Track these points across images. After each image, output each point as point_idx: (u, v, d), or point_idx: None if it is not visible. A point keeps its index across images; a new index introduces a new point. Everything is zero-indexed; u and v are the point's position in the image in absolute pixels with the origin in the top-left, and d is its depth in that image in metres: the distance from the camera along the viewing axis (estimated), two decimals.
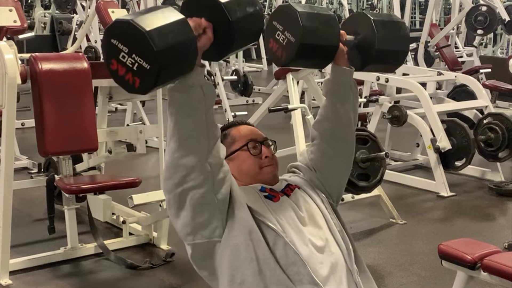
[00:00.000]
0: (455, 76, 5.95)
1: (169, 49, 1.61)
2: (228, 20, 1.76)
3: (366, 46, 2.10)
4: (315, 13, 2.00)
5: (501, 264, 2.31)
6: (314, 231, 1.91)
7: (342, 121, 2.10)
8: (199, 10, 1.76)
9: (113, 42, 1.64)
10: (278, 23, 2.00)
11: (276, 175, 2.06)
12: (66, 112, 3.35)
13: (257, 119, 4.73)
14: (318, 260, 1.84)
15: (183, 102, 1.75)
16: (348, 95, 2.11)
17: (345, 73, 2.09)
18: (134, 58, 1.62)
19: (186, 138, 1.76)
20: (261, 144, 2.06)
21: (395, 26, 2.15)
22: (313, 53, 2.01)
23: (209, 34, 1.75)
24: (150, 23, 1.61)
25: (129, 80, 1.66)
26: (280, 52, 1.99)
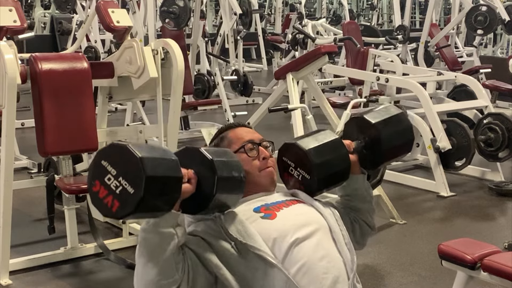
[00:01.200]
0: (455, 76, 5.94)
1: (157, 179, 1.66)
2: (213, 176, 1.80)
3: (374, 146, 2.15)
4: (321, 145, 2.06)
5: (501, 264, 2.31)
6: (315, 240, 1.89)
7: (361, 217, 2.23)
8: (189, 163, 1.81)
9: (102, 164, 1.68)
10: (288, 160, 2.08)
11: (274, 181, 2.07)
12: (66, 112, 3.35)
13: (257, 119, 4.73)
14: (320, 271, 1.83)
15: (154, 244, 1.76)
16: (364, 198, 2.21)
17: (359, 179, 2.18)
18: (120, 181, 1.66)
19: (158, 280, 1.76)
20: (258, 146, 2.06)
21: (395, 120, 2.19)
22: (331, 181, 2.11)
23: (193, 185, 1.79)
24: (145, 151, 1.67)
25: (108, 203, 1.68)
26: (298, 186, 2.08)
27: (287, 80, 4.38)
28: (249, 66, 11.33)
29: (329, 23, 9.65)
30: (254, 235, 1.85)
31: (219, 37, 7.96)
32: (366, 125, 2.15)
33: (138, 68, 3.48)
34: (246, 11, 8.12)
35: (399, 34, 8.09)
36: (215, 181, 1.80)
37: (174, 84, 3.57)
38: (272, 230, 1.88)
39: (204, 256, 1.84)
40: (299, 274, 1.81)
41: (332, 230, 1.96)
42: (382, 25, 16.26)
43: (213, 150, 1.91)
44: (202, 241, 1.86)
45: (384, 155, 2.17)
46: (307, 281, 1.80)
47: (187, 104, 6.09)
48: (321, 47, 4.43)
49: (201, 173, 1.81)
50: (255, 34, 11.33)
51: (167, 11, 5.82)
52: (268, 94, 5.74)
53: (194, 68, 6.70)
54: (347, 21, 9.29)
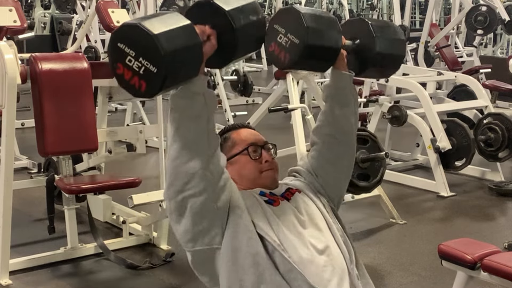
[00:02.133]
0: (455, 76, 5.95)
1: (176, 52, 1.63)
2: (231, 28, 1.78)
3: (364, 51, 2.12)
4: (317, 15, 2.01)
5: (501, 264, 2.31)
6: (315, 234, 1.90)
7: (342, 126, 2.11)
8: (203, 18, 1.78)
9: (119, 46, 1.65)
10: (280, 26, 2.00)
11: (276, 180, 2.07)
12: (66, 112, 3.35)
13: (257, 119, 4.73)
14: (320, 264, 1.83)
15: (185, 108, 1.76)
16: (349, 100, 2.13)
17: (345, 77, 2.11)
18: (141, 62, 1.63)
19: (187, 145, 1.76)
20: (261, 148, 2.06)
21: (392, 30, 2.18)
22: (317, 54, 2.01)
23: (213, 41, 1.77)
24: (157, 27, 1.63)
25: (135, 84, 1.66)
26: (283, 55, 1.99)
27: (287, 80, 4.37)
28: (249, 66, 11.33)
29: None
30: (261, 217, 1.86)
31: None
32: (363, 26, 2.14)
33: None
34: None
35: None
36: (235, 31, 1.77)
37: None
38: (273, 217, 1.88)
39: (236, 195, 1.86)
40: (300, 266, 1.81)
41: (328, 222, 1.97)
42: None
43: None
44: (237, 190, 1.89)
45: (373, 60, 2.13)
46: (307, 273, 1.80)
47: None
48: None
49: (219, 26, 1.77)
50: None
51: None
52: (268, 94, 5.75)
53: None
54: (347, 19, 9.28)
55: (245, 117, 5.74)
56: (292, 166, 2.23)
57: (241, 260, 1.80)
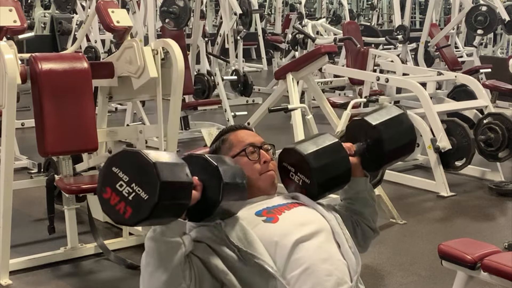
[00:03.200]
0: (455, 76, 5.94)
1: (171, 184, 1.65)
2: (218, 183, 1.80)
3: (376, 148, 2.14)
4: (320, 148, 2.05)
5: (501, 264, 2.31)
6: (317, 242, 1.89)
7: (364, 222, 2.22)
8: (194, 170, 1.79)
9: (113, 170, 1.67)
10: (288, 165, 2.07)
11: (274, 183, 2.07)
12: (66, 112, 3.35)
13: (257, 119, 4.73)
14: (323, 273, 1.83)
15: (161, 253, 1.74)
16: (367, 201, 2.20)
17: (361, 181, 2.18)
18: (133, 188, 1.64)
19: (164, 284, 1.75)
20: (260, 149, 2.05)
21: (397, 121, 2.18)
22: (332, 184, 2.09)
23: (198, 191, 1.78)
24: (157, 157, 1.66)
25: (120, 209, 1.66)
26: (299, 190, 2.06)
27: (287, 80, 4.38)
28: (249, 66, 11.33)
29: (329, 23, 9.67)
30: (254, 242, 1.84)
31: (219, 37, 7.96)
32: (367, 127, 2.14)
33: (138, 68, 3.48)
34: (246, 11, 8.12)
35: (399, 34, 8.09)
36: (221, 187, 1.79)
37: (174, 84, 3.57)
38: (274, 233, 1.87)
39: (210, 262, 1.83)
40: (302, 277, 1.81)
41: (335, 232, 1.96)
42: (382, 25, 16.26)
43: (216, 157, 1.90)
44: (207, 247, 1.85)
45: (386, 157, 2.17)
46: (309, 283, 1.80)
47: (187, 104, 6.09)
48: (321, 47, 4.43)
49: (206, 180, 1.81)
50: (255, 34, 11.33)
51: (167, 11, 5.82)
52: (268, 94, 5.74)
53: (194, 68, 6.70)
54: (347, 21, 9.29)
55: (245, 117, 5.74)
56: None
57: None
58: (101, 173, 1.71)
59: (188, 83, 5.39)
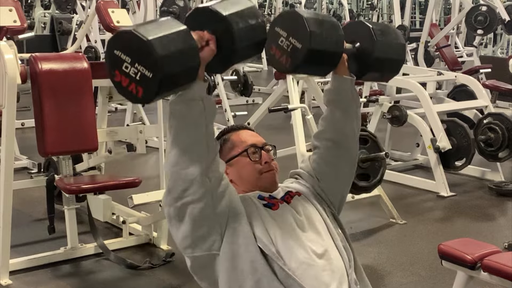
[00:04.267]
0: (455, 76, 5.95)
1: (171, 56, 1.64)
2: (230, 32, 1.78)
3: (364, 55, 2.10)
4: (320, 19, 2.00)
5: (501, 264, 2.31)
6: (315, 237, 1.90)
7: (344, 131, 2.10)
8: (202, 24, 1.78)
9: (116, 53, 1.67)
10: (281, 29, 1.99)
11: (275, 181, 2.06)
12: (66, 112, 3.35)
13: (257, 119, 4.73)
14: (319, 267, 1.83)
15: (183, 115, 1.76)
16: (350, 104, 2.11)
17: (346, 81, 2.10)
18: (137, 68, 1.65)
19: (186, 152, 1.76)
20: (261, 150, 2.06)
21: (392, 34, 2.16)
22: (319, 59, 2.00)
23: (212, 46, 1.77)
24: (152, 32, 1.65)
25: (133, 90, 1.67)
26: (284, 59, 1.98)
27: (287, 80, 4.37)
28: (249, 66, 11.32)
29: None
30: (259, 216, 1.86)
31: None
32: (363, 29, 2.11)
33: None
34: None
35: None
36: (234, 35, 1.77)
37: None
38: (272, 221, 1.88)
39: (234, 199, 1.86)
40: (298, 270, 1.81)
41: (328, 226, 1.97)
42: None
43: (224, 3, 1.85)
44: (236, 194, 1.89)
45: (373, 64, 2.11)
46: (306, 277, 1.80)
47: None
48: None
49: (219, 31, 1.78)
50: None
51: (167, 11, 5.83)
52: (268, 94, 5.74)
53: None
54: (347, 21, 9.28)
55: (245, 117, 5.74)
56: (292, 167, 2.23)
57: (240, 266, 1.80)
58: (106, 57, 1.72)
59: None
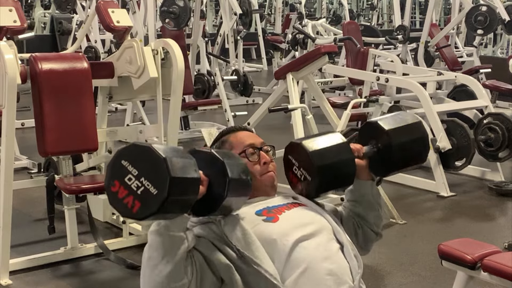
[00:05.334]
0: (455, 76, 5.94)
1: (180, 180, 1.66)
2: (224, 178, 1.80)
3: (385, 153, 2.11)
4: (326, 147, 2.03)
5: (501, 264, 2.31)
6: (319, 242, 1.90)
7: (367, 225, 2.20)
8: (199, 164, 1.79)
9: (123, 163, 1.67)
10: (293, 158, 2.06)
11: (274, 184, 2.07)
12: (66, 112, 3.35)
13: (257, 119, 4.73)
14: (324, 272, 1.83)
15: (165, 247, 1.75)
16: (371, 204, 2.17)
17: (367, 185, 2.14)
18: (142, 182, 1.64)
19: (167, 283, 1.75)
20: (259, 150, 2.05)
21: (410, 129, 2.14)
22: (332, 185, 2.08)
23: (204, 186, 1.78)
24: (167, 152, 1.66)
25: (128, 203, 1.66)
26: (300, 186, 2.06)
27: (287, 80, 4.37)
28: (249, 66, 11.32)
29: (329, 23, 9.67)
30: (252, 244, 1.84)
31: (219, 37, 7.96)
32: (379, 131, 2.11)
33: (138, 68, 3.48)
34: (246, 11, 8.12)
35: (399, 34, 8.09)
36: (227, 183, 1.79)
37: (174, 84, 3.57)
38: (273, 232, 1.87)
39: (212, 257, 1.83)
40: (302, 276, 1.81)
41: (336, 232, 1.96)
42: (382, 25, 16.25)
43: (222, 152, 1.90)
44: (209, 243, 1.86)
45: (395, 164, 2.13)
46: (310, 282, 1.80)
47: (187, 104, 6.09)
48: (321, 47, 4.43)
49: (212, 175, 1.81)
50: (255, 34, 11.33)
51: (167, 11, 5.82)
52: (268, 94, 5.74)
53: (194, 68, 6.70)
54: (347, 21, 9.28)
55: (245, 117, 5.74)
56: None
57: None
58: (109, 166, 1.70)
59: (188, 83, 5.38)
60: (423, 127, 2.21)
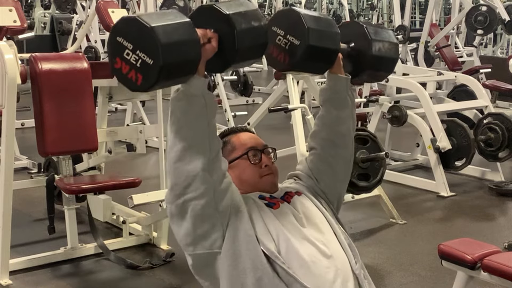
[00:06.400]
0: (455, 76, 5.95)
1: (173, 45, 1.66)
2: (233, 31, 1.79)
3: (359, 54, 2.13)
4: (317, 16, 2.04)
5: (501, 264, 2.31)
6: (317, 235, 1.91)
7: (339, 129, 2.12)
8: (205, 22, 1.79)
9: (118, 40, 1.69)
10: (278, 28, 2.02)
11: (275, 184, 2.07)
12: (66, 112, 3.35)
13: (257, 119, 4.73)
14: (323, 265, 1.83)
15: (185, 110, 1.76)
16: (346, 103, 2.13)
17: (342, 80, 2.12)
18: (138, 54, 1.66)
19: (187, 148, 1.76)
20: (261, 152, 2.06)
21: (386, 33, 2.19)
22: (317, 56, 2.03)
23: (214, 43, 1.78)
24: (155, 20, 1.67)
25: (132, 77, 1.69)
26: (282, 57, 2.02)
27: (287, 80, 4.37)
28: (249, 66, 11.33)
29: None
30: (260, 216, 1.86)
31: None
32: (359, 29, 2.15)
33: None
34: None
35: (399, 34, 8.08)
36: (235, 35, 1.78)
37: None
38: (274, 220, 1.88)
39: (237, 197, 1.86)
40: (302, 269, 1.81)
41: (330, 223, 1.97)
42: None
43: (228, 3, 1.87)
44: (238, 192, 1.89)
45: (369, 63, 2.14)
46: (310, 274, 1.80)
47: None
48: None
49: (221, 30, 1.80)
50: None
51: None
52: (268, 94, 5.74)
53: None
54: (342, 22, 9.29)
55: (245, 117, 5.74)
56: (292, 167, 2.23)
57: (241, 264, 1.80)
58: (108, 44, 1.73)
59: None
60: (396, 36, 2.26)
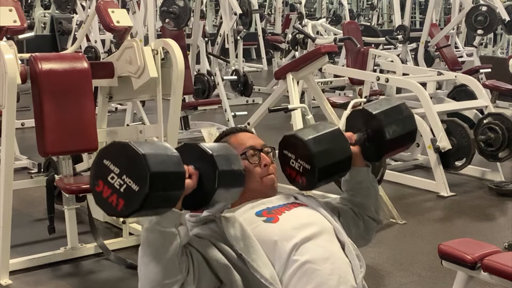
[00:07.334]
0: (455, 76, 5.95)
1: (161, 174, 1.66)
2: (214, 171, 1.80)
3: (377, 138, 2.14)
4: (320, 134, 2.06)
5: (501, 264, 2.31)
6: (320, 242, 1.90)
7: (365, 210, 2.20)
8: (189, 158, 1.81)
9: (105, 163, 1.68)
10: (289, 152, 2.08)
11: (275, 186, 2.07)
12: (66, 112, 3.35)
13: (257, 119, 4.73)
14: (326, 272, 1.83)
15: (156, 244, 1.75)
16: (369, 192, 2.18)
17: (363, 171, 2.15)
18: (124, 180, 1.65)
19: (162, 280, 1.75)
20: (260, 152, 2.05)
21: (396, 110, 2.19)
22: (332, 171, 2.08)
23: (194, 180, 1.79)
24: (146, 148, 1.67)
25: (113, 202, 1.67)
26: (299, 179, 2.07)
27: (287, 80, 4.37)
28: (249, 66, 11.33)
29: (329, 23, 9.66)
30: (251, 247, 1.84)
31: (219, 37, 7.97)
32: (367, 116, 2.15)
33: (138, 68, 3.48)
34: (246, 11, 8.12)
35: (399, 34, 8.10)
36: (216, 175, 1.79)
37: (174, 84, 3.57)
38: (274, 233, 1.87)
39: (212, 257, 1.83)
40: (304, 277, 1.81)
41: (338, 232, 1.96)
42: (382, 25, 16.26)
43: (212, 145, 1.90)
44: (209, 242, 1.86)
45: (387, 146, 2.16)
46: (312, 282, 1.80)
47: (187, 104, 6.09)
48: (321, 47, 4.42)
49: (202, 169, 1.81)
50: (255, 34, 11.33)
51: (167, 11, 5.82)
52: (268, 94, 5.74)
53: (194, 68, 6.70)
54: (347, 21, 9.29)
55: (245, 117, 5.74)
56: None
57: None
58: (92, 166, 1.71)
59: (188, 83, 5.38)
60: (407, 107, 2.25)
